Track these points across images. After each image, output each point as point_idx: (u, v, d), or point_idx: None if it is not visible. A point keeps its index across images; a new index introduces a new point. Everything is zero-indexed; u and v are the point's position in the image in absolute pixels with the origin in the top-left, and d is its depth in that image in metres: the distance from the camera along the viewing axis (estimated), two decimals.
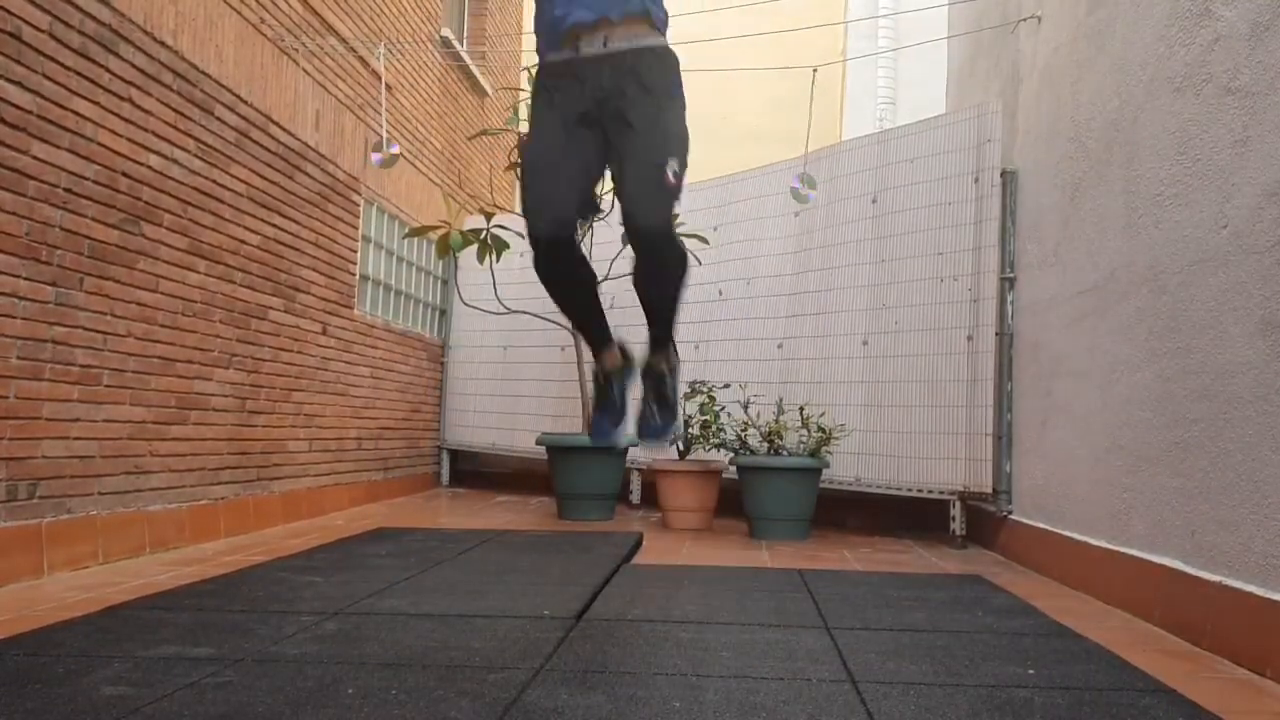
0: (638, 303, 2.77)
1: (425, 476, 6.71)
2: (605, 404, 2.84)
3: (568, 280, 2.77)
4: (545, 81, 2.75)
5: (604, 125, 2.67)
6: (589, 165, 2.70)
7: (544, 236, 2.66)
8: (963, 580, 3.36)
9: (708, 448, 4.96)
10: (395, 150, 5.17)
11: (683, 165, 2.68)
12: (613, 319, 5.95)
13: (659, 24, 2.75)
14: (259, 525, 4.28)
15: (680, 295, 2.83)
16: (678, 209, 2.70)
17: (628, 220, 2.61)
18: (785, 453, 4.62)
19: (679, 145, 2.69)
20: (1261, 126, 2.31)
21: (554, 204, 2.67)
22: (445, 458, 6.99)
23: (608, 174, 2.76)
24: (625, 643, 2.21)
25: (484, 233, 5.49)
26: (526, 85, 5.35)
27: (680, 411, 2.80)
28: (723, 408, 4.95)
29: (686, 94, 2.78)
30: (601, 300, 2.91)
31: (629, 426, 2.84)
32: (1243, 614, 2.27)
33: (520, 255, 6.59)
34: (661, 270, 2.73)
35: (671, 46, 2.78)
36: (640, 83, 2.64)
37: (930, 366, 4.55)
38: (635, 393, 2.85)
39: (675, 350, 2.89)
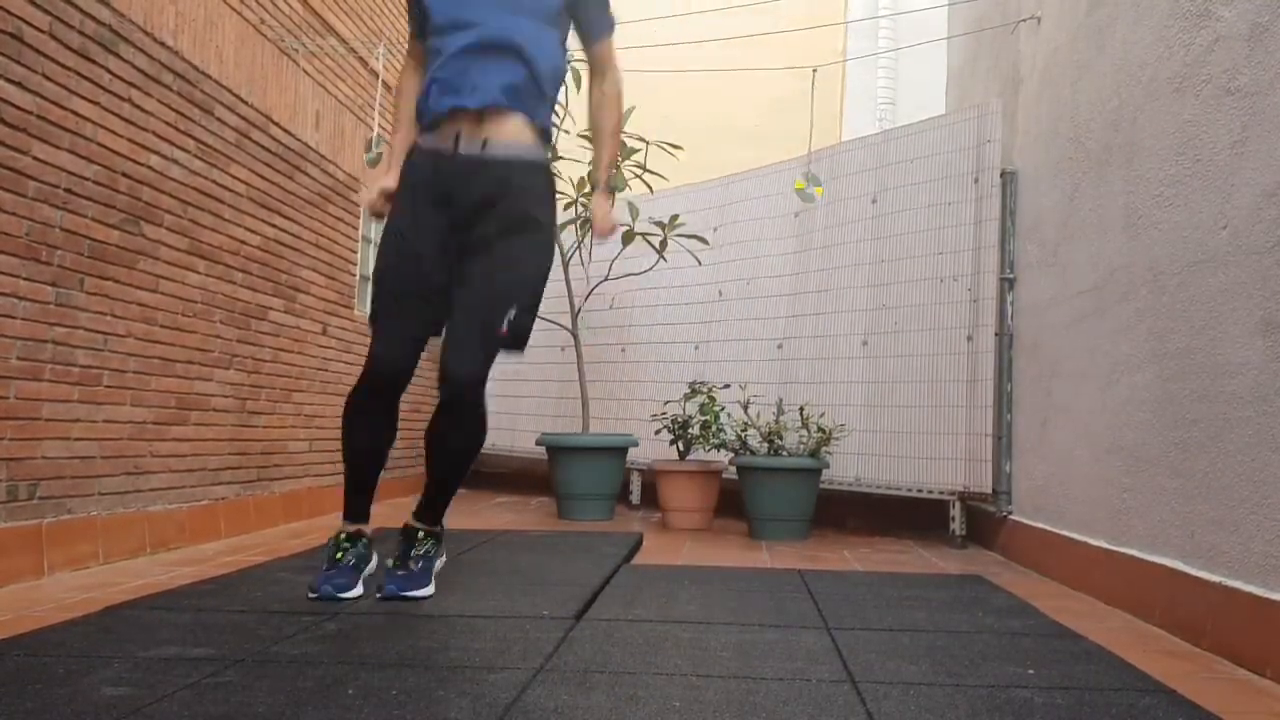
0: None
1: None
2: (338, 563, 2.71)
3: (374, 425, 2.78)
4: (417, 166, 2.65)
5: (460, 234, 2.58)
6: (444, 282, 2.59)
7: (383, 375, 2.63)
8: (963, 580, 3.36)
9: (708, 448, 4.96)
10: (379, 150, 5.18)
11: (528, 308, 2.59)
12: (612, 319, 5.92)
13: (543, 133, 2.68)
14: (259, 525, 4.28)
15: (470, 463, 2.77)
16: (492, 364, 2.61)
17: (442, 365, 2.55)
18: (785, 453, 4.62)
19: (525, 289, 2.59)
20: (1261, 127, 2.31)
21: (402, 344, 2.61)
22: None
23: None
24: (625, 643, 2.21)
25: None
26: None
27: (431, 573, 2.74)
28: (723, 408, 4.95)
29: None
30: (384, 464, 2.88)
31: (356, 585, 2.68)
32: (1243, 614, 2.27)
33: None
34: (459, 429, 2.67)
35: (548, 164, 2.72)
36: (507, 207, 2.55)
37: (930, 367, 4.55)
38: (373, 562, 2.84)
39: (442, 526, 2.85)
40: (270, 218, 4.41)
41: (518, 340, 2.60)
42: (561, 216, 5.52)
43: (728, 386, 5.04)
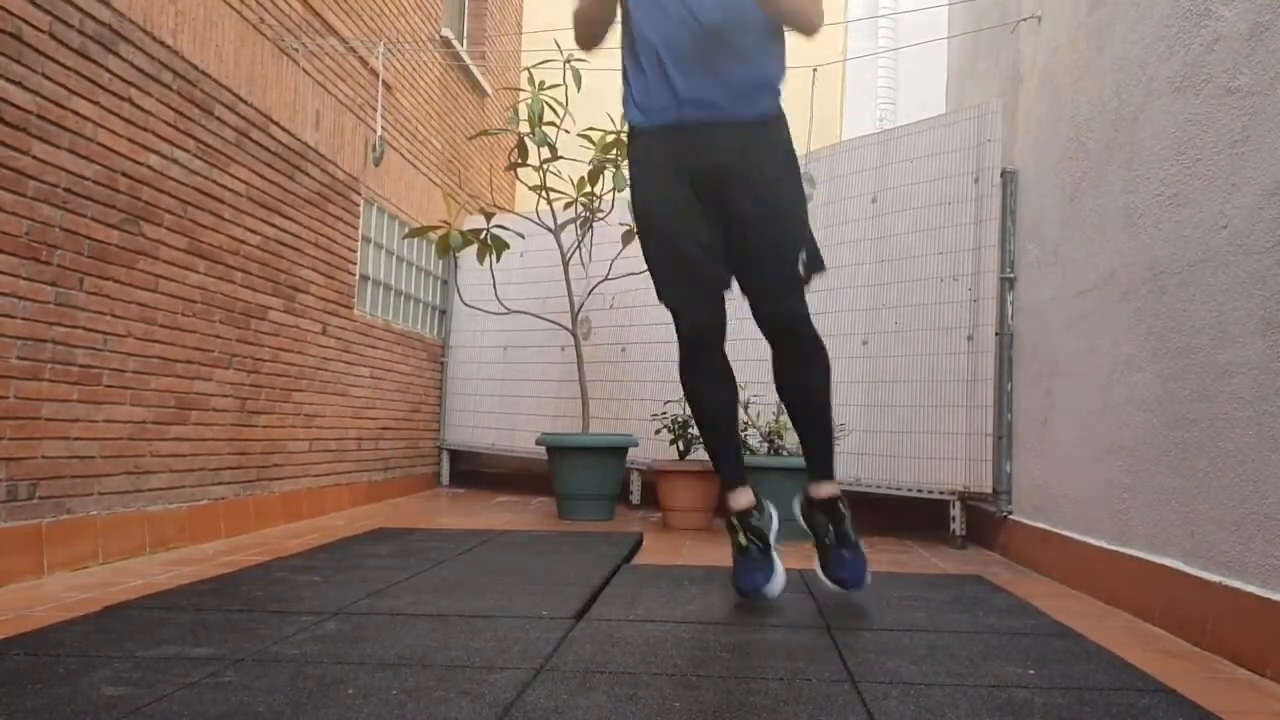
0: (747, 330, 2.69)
1: (425, 476, 6.71)
2: (744, 552, 2.61)
3: (712, 383, 2.69)
4: (644, 148, 2.62)
5: (716, 195, 2.56)
6: (715, 244, 2.59)
7: (697, 339, 2.59)
8: (963, 580, 3.36)
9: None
10: (381, 149, 5.19)
11: (811, 255, 2.61)
12: (612, 319, 5.91)
13: (773, 89, 2.64)
14: (259, 525, 4.28)
15: (829, 392, 2.72)
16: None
17: (764, 312, 2.56)
18: (785, 452, 4.62)
19: (803, 233, 2.62)
20: (1261, 126, 2.31)
21: (702, 301, 2.58)
22: (445, 458, 6.99)
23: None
24: (625, 643, 2.21)
25: (484, 233, 5.49)
26: (527, 85, 5.35)
27: (860, 541, 2.64)
28: None
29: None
30: (737, 426, 2.78)
31: (780, 574, 2.60)
32: (1243, 614, 2.27)
33: (520, 255, 6.60)
34: (811, 364, 2.67)
35: (780, 114, 2.68)
36: (760, 159, 2.54)
37: (930, 366, 4.55)
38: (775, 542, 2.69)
39: (838, 486, 2.72)
40: (270, 217, 4.41)
41: (815, 269, 2.64)
42: (563, 215, 5.54)
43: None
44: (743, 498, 2.71)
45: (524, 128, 5.43)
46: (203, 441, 3.89)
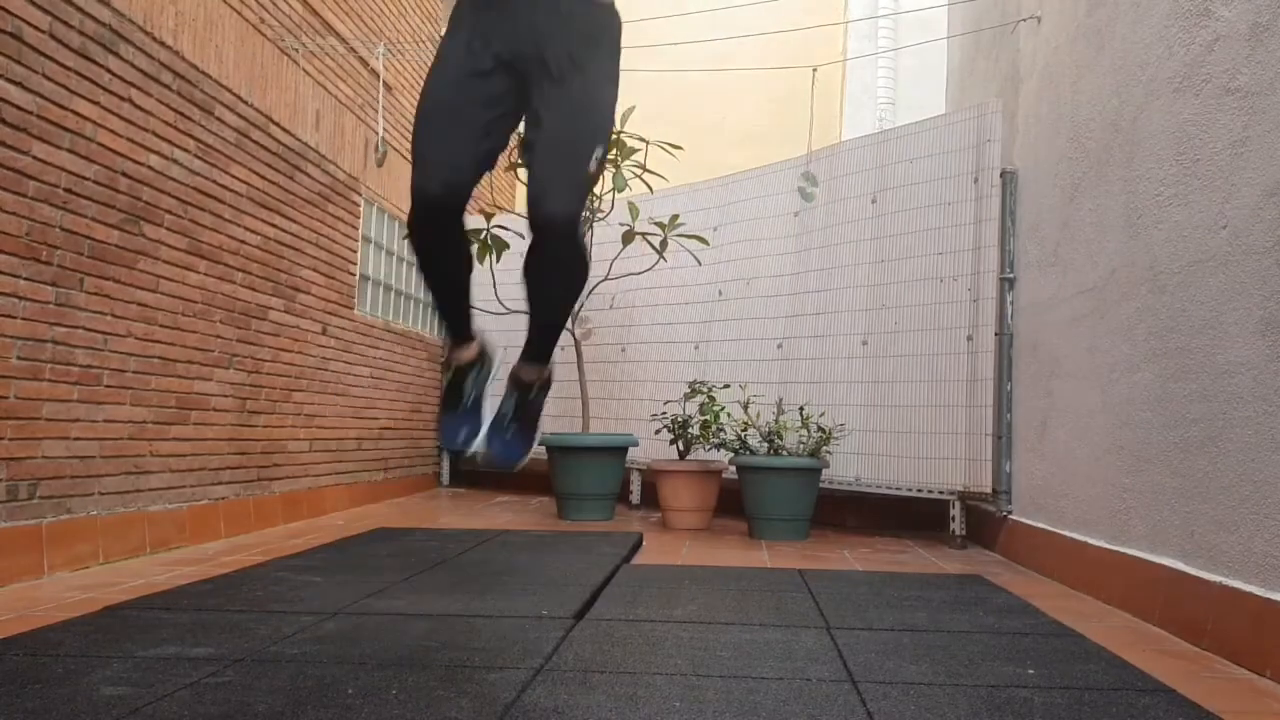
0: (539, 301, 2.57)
1: (425, 476, 6.71)
2: (457, 403, 2.54)
3: (442, 249, 2.48)
4: (467, 9, 2.44)
5: (525, 77, 2.39)
6: (498, 120, 2.42)
7: (431, 194, 2.36)
8: (963, 580, 3.36)
9: (708, 448, 4.96)
10: (384, 150, 5.19)
11: (604, 152, 2.43)
12: (612, 319, 5.92)
13: None
14: (259, 525, 4.28)
15: (572, 303, 2.63)
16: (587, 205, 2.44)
17: (533, 205, 2.34)
18: (785, 453, 4.62)
19: (604, 130, 2.43)
20: (1261, 126, 2.31)
21: (451, 158, 2.37)
22: (445, 458, 6.99)
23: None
24: (625, 643, 2.21)
25: (484, 233, 5.49)
26: None
27: (537, 427, 2.63)
28: (723, 408, 4.95)
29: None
30: (471, 288, 2.65)
31: (482, 434, 2.53)
32: (1243, 614, 2.27)
33: (520, 256, 6.59)
34: (558, 269, 2.49)
35: (615, 11, 2.50)
36: (577, 42, 2.36)
37: (930, 366, 4.55)
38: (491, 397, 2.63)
39: (550, 367, 2.67)
40: (270, 218, 4.41)
41: (598, 174, 2.44)
42: None
43: (728, 386, 5.04)
44: (469, 351, 2.63)
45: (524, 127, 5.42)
46: (203, 441, 3.89)
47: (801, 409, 4.71)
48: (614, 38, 2.50)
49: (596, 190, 5.43)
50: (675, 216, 5.49)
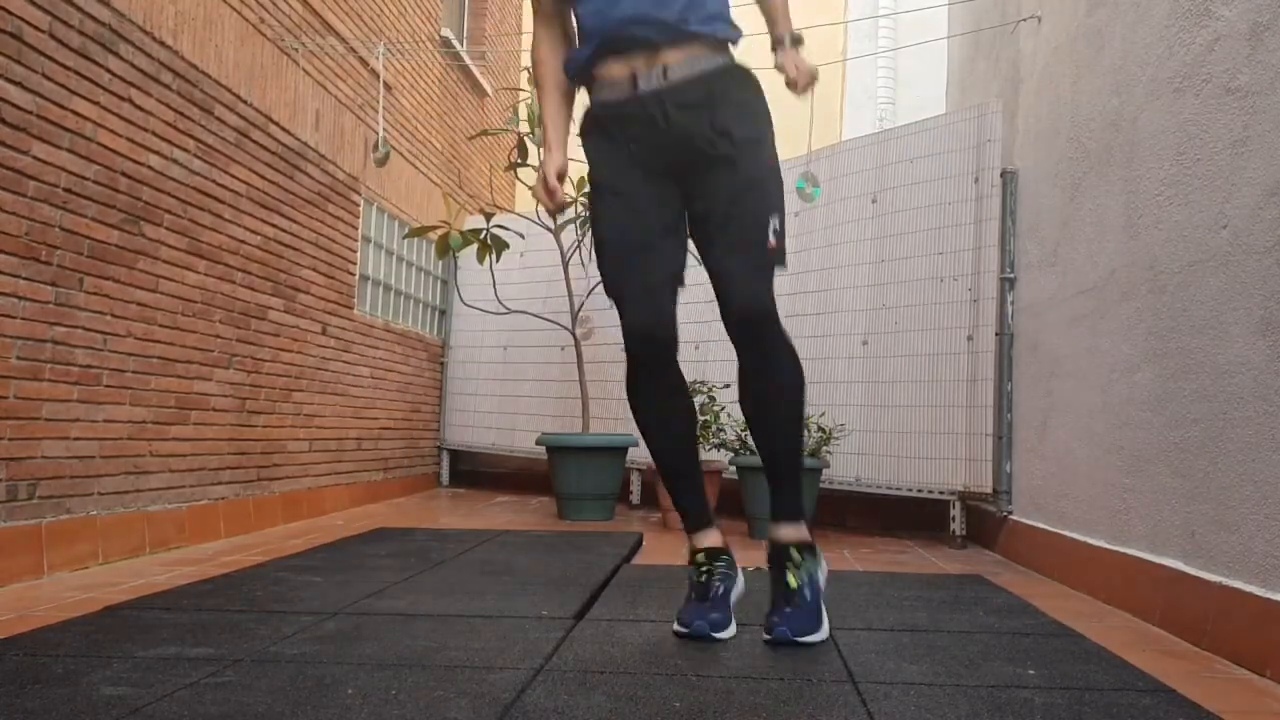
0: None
1: (425, 476, 6.71)
2: (699, 590, 2.32)
3: (665, 406, 2.36)
4: (599, 130, 2.32)
5: (678, 175, 2.26)
6: (676, 236, 2.29)
7: (645, 345, 2.25)
8: (963, 580, 3.35)
9: (708, 448, 4.96)
10: (386, 150, 5.19)
11: (781, 219, 2.25)
12: (612, 319, 5.93)
13: (725, 40, 2.30)
14: (259, 525, 4.28)
15: (800, 418, 2.34)
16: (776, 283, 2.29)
17: (727, 304, 2.23)
18: None
19: (777, 195, 2.26)
20: (1261, 126, 2.31)
21: (653, 302, 2.27)
22: (445, 458, 6.99)
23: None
24: (625, 643, 2.21)
25: (484, 233, 5.49)
26: (527, 85, 5.35)
27: (821, 604, 2.29)
28: (723, 408, 4.95)
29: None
30: (699, 460, 2.46)
31: (731, 621, 2.30)
32: (1243, 614, 2.27)
33: (520, 255, 6.60)
34: (770, 368, 2.29)
35: (744, 67, 2.33)
36: (719, 119, 2.21)
37: (930, 366, 4.55)
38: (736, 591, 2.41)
39: (809, 525, 2.35)
40: (270, 217, 4.41)
41: (781, 253, 2.27)
42: (562, 215, 5.54)
43: (728, 386, 5.04)
44: (709, 538, 2.41)
45: (524, 128, 5.43)
46: (203, 441, 3.89)
47: None
48: (759, 95, 2.34)
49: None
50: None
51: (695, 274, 2.52)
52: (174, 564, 3.30)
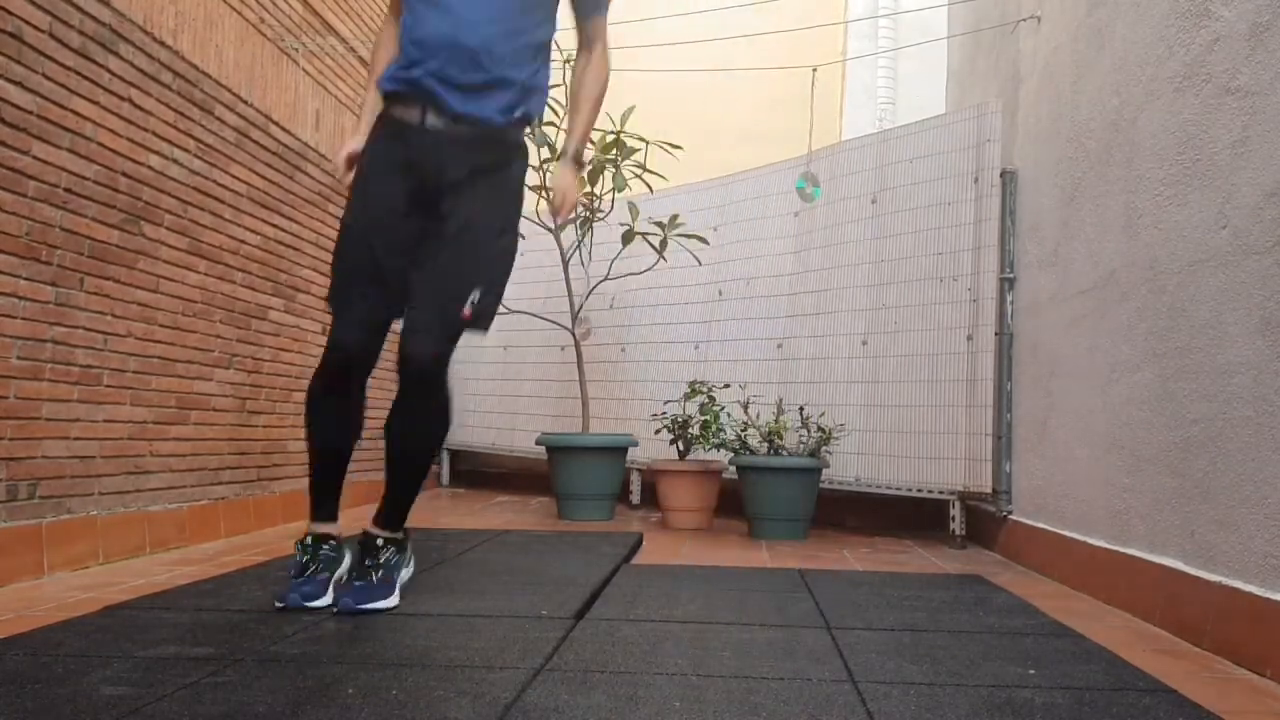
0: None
1: None
2: (298, 568, 2.54)
3: (339, 417, 2.57)
4: (382, 135, 2.53)
5: (421, 210, 2.48)
6: (404, 260, 2.49)
7: (343, 359, 2.48)
8: (963, 580, 3.36)
9: (708, 448, 4.96)
10: None
11: (492, 290, 2.50)
12: (612, 319, 5.90)
13: (520, 117, 2.54)
14: (259, 525, 4.28)
15: (428, 463, 2.66)
16: (457, 346, 2.55)
17: (401, 347, 2.44)
18: (785, 453, 4.62)
19: (491, 270, 2.52)
20: (1261, 126, 2.31)
21: (363, 325, 2.50)
22: (445, 458, 6.99)
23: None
24: (625, 642, 2.21)
25: None
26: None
27: (395, 581, 2.58)
28: (722, 408, 4.95)
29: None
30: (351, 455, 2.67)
31: (325, 594, 2.51)
32: (1243, 614, 2.27)
33: (520, 255, 6.58)
34: (418, 417, 2.56)
35: (522, 143, 2.62)
36: (481, 178, 2.48)
37: (930, 366, 4.55)
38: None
39: (406, 532, 2.66)
40: (270, 217, 4.41)
41: (481, 320, 2.52)
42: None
43: (728, 386, 5.04)
44: (324, 528, 2.63)
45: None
46: (203, 441, 3.89)
47: (801, 409, 4.71)
48: (518, 179, 2.59)
49: (596, 190, 5.43)
50: (675, 216, 5.49)
51: (694, 275, 2.53)
52: (174, 564, 3.30)
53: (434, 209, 2.50)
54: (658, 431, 5.18)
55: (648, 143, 5.24)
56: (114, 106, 3.29)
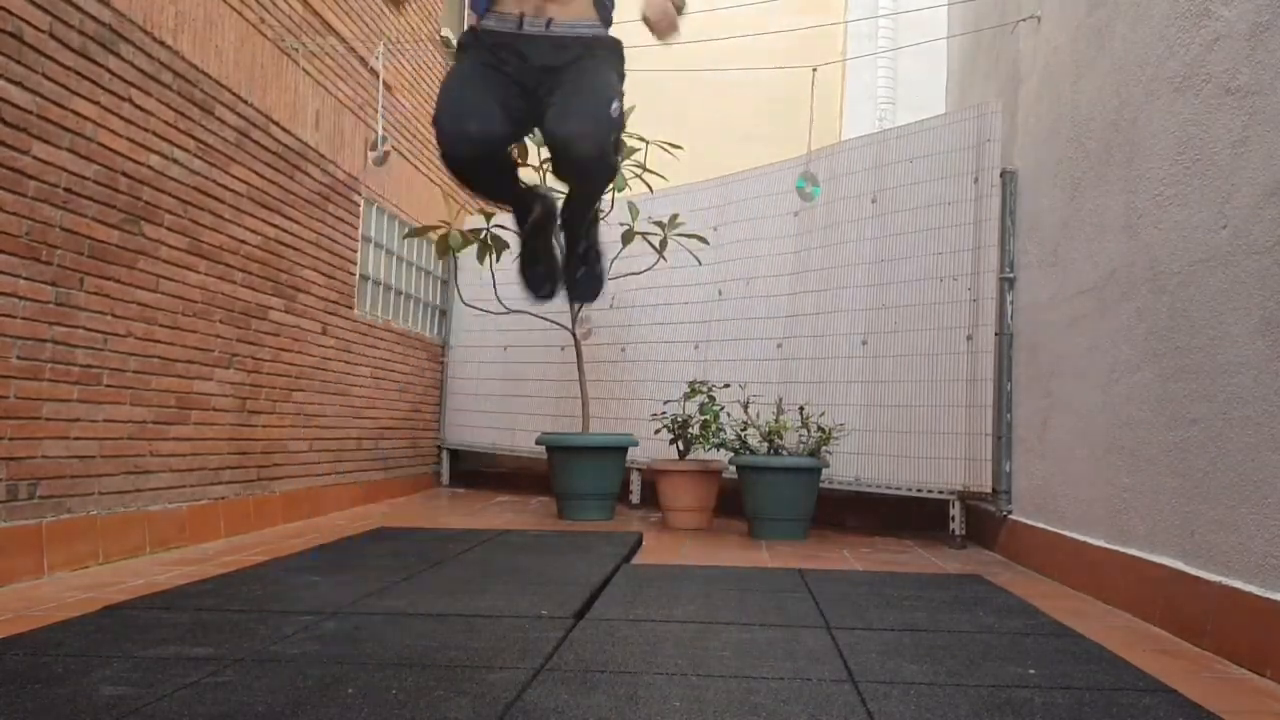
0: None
1: (425, 476, 6.71)
2: (533, 259, 2.70)
3: (489, 176, 2.60)
4: (479, 39, 2.57)
5: (538, 94, 2.49)
6: (516, 111, 2.49)
7: (464, 152, 2.43)
8: (963, 580, 3.36)
9: (708, 448, 4.96)
10: (385, 149, 5.18)
11: (620, 114, 2.48)
12: (612, 319, 5.89)
13: (605, 14, 2.61)
14: (259, 525, 4.28)
15: (601, 194, 2.77)
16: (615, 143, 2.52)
17: (566, 147, 2.38)
18: (785, 453, 4.62)
19: (618, 93, 2.53)
20: (1261, 126, 2.31)
21: (480, 117, 2.44)
22: (445, 458, 6.99)
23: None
24: (625, 642, 2.21)
25: (484, 233, 5.49)
26: None
27: (602, 256, 2.77)
28: (722, 408, 4.95)
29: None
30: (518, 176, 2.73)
31: (560, 283, 2.73)
32: (1243, 614, 2.27)
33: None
34: (594, 192, 2.65)
35: (616, 39, 2.64)
36: (582, 63, 2.51)
37: (930, 366, 4.55)
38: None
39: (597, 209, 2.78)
40: (270, 217, 4.41)
41: (620, 123, 2.51)
42: None
43: (728, 386, 5.04)
44: (534, 213, 2.69)
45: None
46: (203, 441, 3.89)
47: (801, 409, 4.71)
48: (620, 61, 2.63)
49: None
50: (675, 216, 5.49)
51: (694, 275, 2.55)
52: (174, 564, 3.30)
53: (536, 90, 2.50)
54: (658, 431, 5.19)
55: (648, 142, 5.24)
56: (114, 106, 3.29)
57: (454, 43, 6.97)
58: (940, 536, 4.61)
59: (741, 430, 4.79)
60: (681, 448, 5.06)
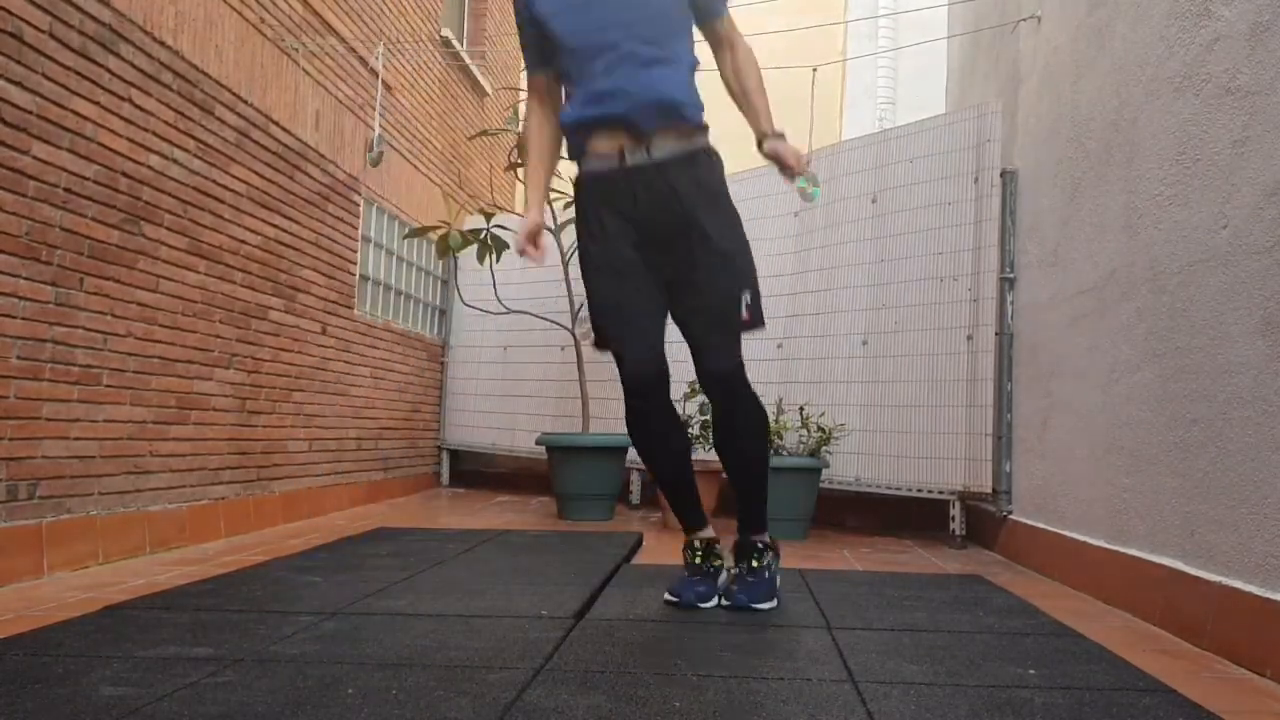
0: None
1: (425, 476, 6.71)
2: (692, 568, 2.73)
3: (662, 435, 2.67)
4: (589, 190, 2.63)
5: (658, 249, 2.56)
6: (654, 288, 2.57)
7: (641, 386, 2.54)
8: (963, 580, 3.36)
9: (708, 448, 4.96)
10: (381, 148, 5.18)
11: (756, 289, 2.61)
12: None
13: (695, 119, 2.61)
14: (259, 525, 4.28)
15: (767, 456, 2.77)
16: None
17: (701, 364, 2.54)
18: (785, 453, 4.62)
19: (747, 269, 2.60)
20: (1261, 126, 2.31)
21: (646, 347, 2.54)
22: (445, 458, 6.99)
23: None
24: (625, 643, 2.21)
25: (484, 233, 5.49)
26: (525, 86, 5.35)
27: (776, 584, 2.73)
28: None
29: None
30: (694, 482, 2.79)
31: (714, 595, 2.68)
32: (1243, 614, 2.27)
33: (520, 255, 6.59)
34: (745, 421, 2.67)
35: (711, 148, 2.67)
36: (696, 196, 2.53)
37: (930, 366, 4.55)
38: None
39: (769, 535, 2.78)
40: (270, 217, 4.41)
41: (757, 319, 2.63)
42: (563, 215, 5.54)
43: None
44: (705, 533, 2.79)
45: (524, 128, 5.42)
46: (203, 441, 3.89)
47: (801, 409, 4.71)
48: (721, 177, 2.67)
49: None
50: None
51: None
52: (174, 564, 3.30)
53: (663, 237, 2.57)
54: None
55: None
56: (114, 106, 3.30)
57: (454, 43, 6.97)
58: (940, 537, 4.61)
59: None
60: None
